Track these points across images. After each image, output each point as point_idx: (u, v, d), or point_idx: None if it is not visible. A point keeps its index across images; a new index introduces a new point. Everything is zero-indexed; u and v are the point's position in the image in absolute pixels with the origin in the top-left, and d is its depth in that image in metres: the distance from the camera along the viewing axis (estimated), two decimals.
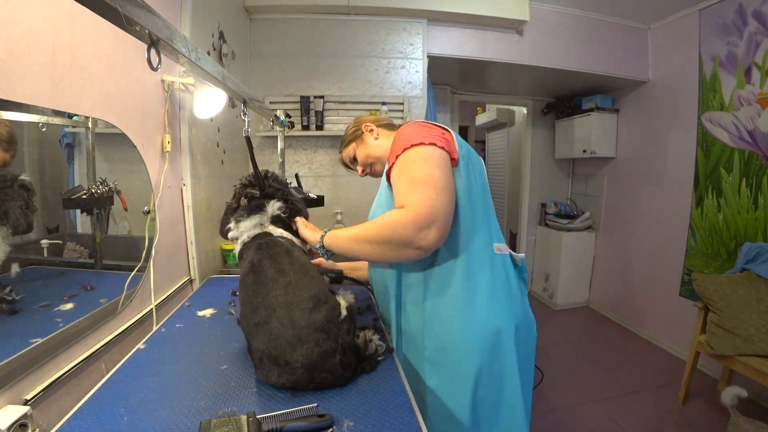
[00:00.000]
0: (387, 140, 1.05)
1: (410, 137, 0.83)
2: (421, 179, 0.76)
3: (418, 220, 0.73)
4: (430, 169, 0.78)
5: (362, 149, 1.08)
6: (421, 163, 0.79)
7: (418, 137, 0.82)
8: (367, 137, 1.08)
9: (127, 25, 0.54)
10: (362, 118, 1.12)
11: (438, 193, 0.75)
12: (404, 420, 0.63)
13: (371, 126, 1.08)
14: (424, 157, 0.80)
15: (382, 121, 1.11)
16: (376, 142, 1.07)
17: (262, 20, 2.37)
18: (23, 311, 0.75)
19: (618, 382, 2.32)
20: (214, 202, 1.66)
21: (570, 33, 2.65)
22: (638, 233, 3.01)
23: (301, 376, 0.68)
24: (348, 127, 1.13)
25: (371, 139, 1.08)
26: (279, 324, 0.68)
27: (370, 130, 1.08)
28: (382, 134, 1.08)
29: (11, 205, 0.71)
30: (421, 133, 0.83)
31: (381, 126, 1.09)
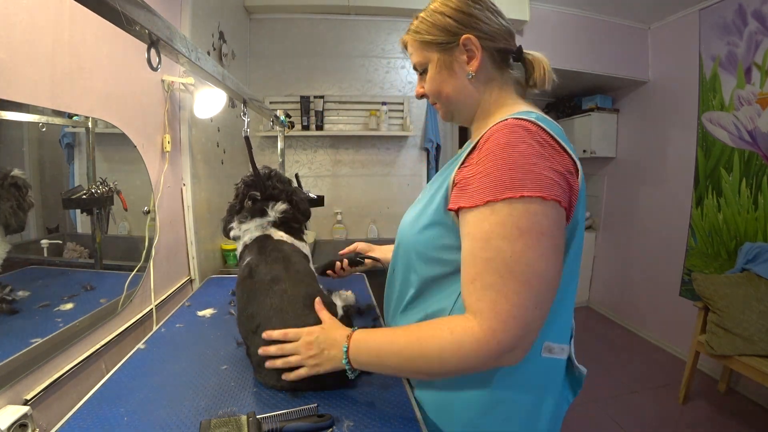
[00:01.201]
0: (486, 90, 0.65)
1: (521, 172, 0.49)
2: (518, 272, 0.49)
3: (494, 353, 0.49)
4: (541, 255, 0.49)
5: (441, 79, 0.65)
6: (529, 239, 0.49)
7: (531, 179, 0.49)
8: (459, 65, 0.63)
9: (127, 25, 0.54)
10: (472, 14, 0.62)
11: (541, 302, 0.50)
12: (404, 420, 0.63)
13: (475, 45, 0.61)
14: (541, 227, 0.49)
15: (498, 40, 0.63)
16: (467, 84, 0.64)
17: (262, 20, 2.37)
18: (23, 311, 0.75)
19: (618, 382, 2.32)
20: (214, 202, 1.67)
21: (570, 33, 2.65)
22: (638, 233, 3.01)
23: (302, 379, 0.68)
24: (437, 4, 0.64)
25: (463, 74, 0.64)
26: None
27: (469, 52, 0.62)
28: (486, 74, 0.64)
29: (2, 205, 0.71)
30: (536, 167, 0.50)
31: (493, 51, 0.64)
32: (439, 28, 0.63)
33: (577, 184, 0.53)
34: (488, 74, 0.65)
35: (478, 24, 0.62)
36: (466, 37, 0.61)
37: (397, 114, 2.49)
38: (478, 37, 0.62)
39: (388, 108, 2.40)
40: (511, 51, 0.66)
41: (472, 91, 0.65)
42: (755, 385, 2.06)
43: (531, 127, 0.52)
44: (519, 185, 0.49)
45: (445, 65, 0.64)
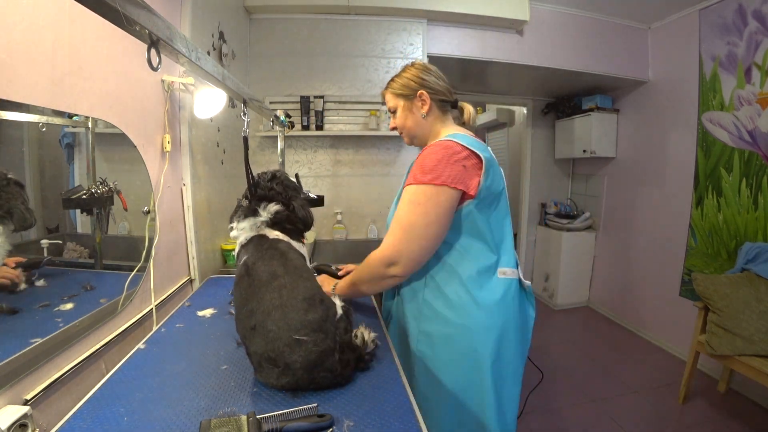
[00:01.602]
0: (434, 122, 1.02)
1: (427, 169, 0.87)
2: (403, 224, 0.88)
3: (384, 258, 0.90)
4: (416, 215, 0.87)
5: (405, 115, 1.03)
6: (413, 206, 0.87)
7: (433, 173, 0.86)
8: (416, 107, 1.01)
9: (127, 25, 0.54)
10: (425, 79, 1.00)
11: (409, 239, 0.87)
12: (404, 420, 0.63)
13: (426, 97, 0.99)
14: (422, 200, 0.86)
15: (441, 94, 1.01)
16: (421, 120, 1.02)
17: (262, 20, 2.37)
18: (23, 311, 0.75)
19: (618, 382, 2.32)
20: (214, 202, 1.67)
21: (570, 33, 2.65)
22: (638, 233, 3.01)
23: (301, 377, 0.68)
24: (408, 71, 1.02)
25: (419, 113, 1.01)
26: (276, 327, 0.68)
27: (423, 102, 1.00)
28: (433, 114, 1.01)
29: (14, 203, 0.72)
30: (441, 166, 0.86)
31: (438, 101, 1.01)
32: (405, 87, 1.01)
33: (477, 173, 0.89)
34: (435, 114, 1.02)
35: (429, 84, 1.00)
36: (420, 92, 0.99)
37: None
38: (428, 92, 0.99)
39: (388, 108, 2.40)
40: (449, 101, 1.03)
41: (425, 125, 1.03)
42: (755, 385, 2.06)
43: (446, 142, 0.90)
44: (422, 175, 0.87)
45: (408, 109, 1.02)
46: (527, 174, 3.77)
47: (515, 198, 4.03)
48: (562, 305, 3.50)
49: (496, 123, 4.33)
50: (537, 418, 1.93)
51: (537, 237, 3.80)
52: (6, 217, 0.70)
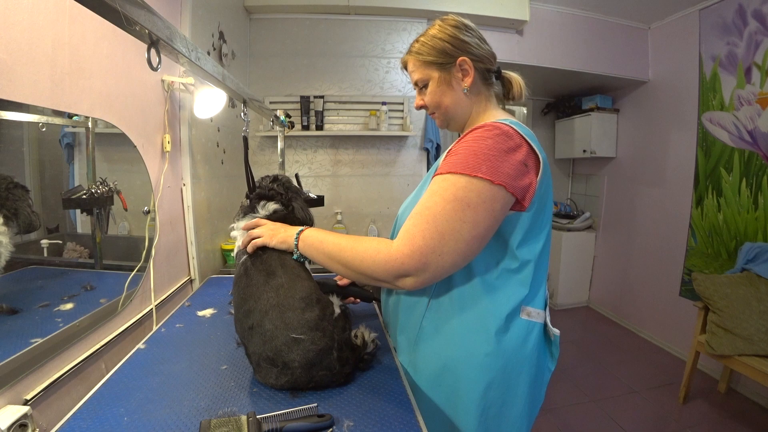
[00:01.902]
0: (477, 100, 0.79)
1: (482, 158, 0.63)
2: (441, 226, 0.63)
3: (396, 270, 0.64)
4: (463, 222, 0.62)
5: (442, 90, 0.78)
6: (460, 208, 0.62)
7: (490, 166, 0.63)
8: (456, 79, 0.77)
9: (127, 25, 0.55)
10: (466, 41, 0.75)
11: (444, 252, 0.63)
12: (404, 420, 0.63)
13: (469, 66, 0.75)
14: (474, 201, 0.62)
15: (485, 62, 0.78)
16: (463, 96, 0.77)
17: (262, 20, 2.37)
18: (23, 311, 0.75)
19: (618, 382, 2.32)
20: (214, 202, 1.67)
21: (570, 33, 2.65)
22: (638, 233, 3.01)
23: (300, 376, 0.68)
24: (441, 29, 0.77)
25: (459, 87, 0.77)
26: (273, 326, 0.68)
27: (466, 72, 0.76)
28: (477, 88, 0.78)
29: (20, 205, 0.72)
30: (499, 157, 0.64)
31: (482, 71, 0.78)
32: (438, 51, 0.76)
33: (534, 179, 0.67)
34: (478, 89, 0.79)
35: (470, 48, 0.76)
36: (462, 59, 0.75)
37: (397, 114, 2.49)
38: (471, 59, 0.75)
39: (388, 108, 2.40)
40: (493, 71, 0.80)
41: (467, 103, 0.79)
42: (755, 385, 2.06)
43: (503, 127, 0.67)
44: (475, 167, 0.63)
45: (445, 81, 0.77)
46: None
47: None
48: (562, 305, 3.50)
49: None
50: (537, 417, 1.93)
51: None
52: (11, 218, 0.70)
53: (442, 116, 0.82)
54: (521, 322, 0.72)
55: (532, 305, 0.73)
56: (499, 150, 0.64)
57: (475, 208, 0.63)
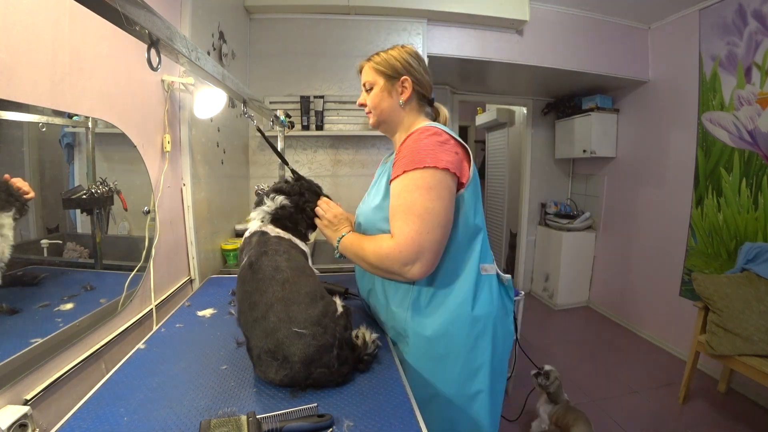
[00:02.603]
0: (408, 113, 0.96)
1: (424, 154, 0.80)
2: (417, 211, 0.78)
3: (402, 256, 0.79)
4: (431, 200, 0.78)
5: (382, 96, 0.94)
6: (424, 192, 0.79)
7: (432, 157, 0.79)
8: (396, 92, 0.94)
9: (127, 25, 0.55)
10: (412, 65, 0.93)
11: (429, 229, 0.78)
12: (404, 420, 0.63)
13: (409, 85, 0.93)
14: (430, 184, 0.79)
15: (423, 88, 0.95)
16: (398, 106, 0.95)
17: (262, 20, 2.36)
18: (23, 311, 0.75)
19: (618, 382, 2.32)
20: (214, 202, 1.67)
21: (570, 33, 2.65)
22: (638, 233, 3.01)
23: (299, 371, 0.68)
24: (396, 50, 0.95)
25: (397, 98, 0.94)
26: (276, 319, 0.69)
27: (405, 89, 0.93)
28: (411, 105, 0.96)
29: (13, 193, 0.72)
30: (436, 152, 0.80)
31: (418, 93, 0.95)
32: (390, 66, 0.93)
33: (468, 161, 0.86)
34: (412, 105, 0.96)
35: (414, 73, 0.94)
36: (405, 78, 0.93)
37: None
38: (412, 80, 0.93)
39: None
40: (427, 98, 0.99)
41: (399, 113, 0.96)
42: (755, 385, 2.06)
43: (431, 128, 0.85)
44: (422, 160, 0.80)
45: (387, 90, 0.94)
46: (527, 174, 3.77)
47: (515, 198, 4.03)
48: (562, 305, 3.50)
49: (496, 123, 4.32)
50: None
51: (537, 237, 3.80)
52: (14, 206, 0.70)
53: (375, 117, 0.97)
54: (483, 278, 0.89)
55: (484, 262, 0.90)
56: (434, 144, 0.82)
57: (436, 187, 0.79)
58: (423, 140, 0.82)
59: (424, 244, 0.78)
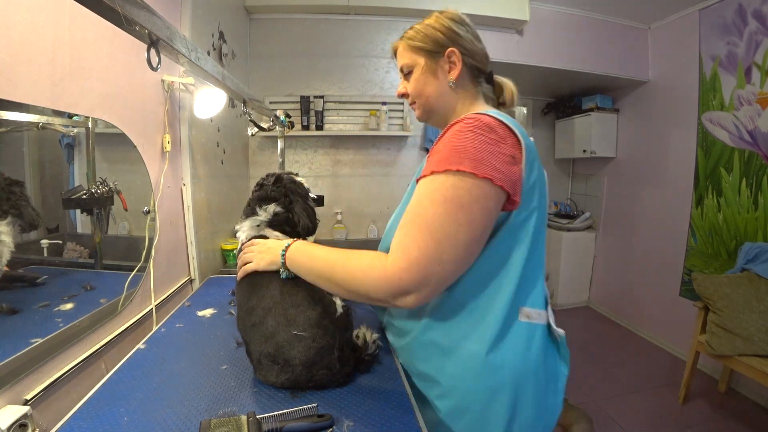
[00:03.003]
0: (462, 96, 0.75)
1: (463, 153, 0.58)
2: (435, 232, 0.57)
3: (394, 288, 0.57)
4: (457, 223, 0.57)
5: (425, 79, 0.75)
6: (451, 208, 0.57)
7: (472, 160, 0.57)
8: (442, 70, 0.74)
9: (127, 25, 0.55)
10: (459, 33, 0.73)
11: (444, 260, 0.57)
12: (404, 420, 0.63)
13: (458, 58, 0.72)
14: (462, 199, 0.57)
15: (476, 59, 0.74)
16: (447, 88, 0.74)
17: (262, 20, 2.37)
18: (23, 311, 0.75)
19: (618, 382, 2.31)
20: (214, 202, 1.67)
21: (570, 33, 2.65)
22: (638, 233, 3.00)
23: (300, 374, 0.68)
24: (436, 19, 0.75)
25: (444, 79, 0.74)
26: (275, 323, 0.69)
27: (452, 62, 0.73)
28: (463, 83, 0.75)
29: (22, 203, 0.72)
30: (482, 153, 0.58)
31: (471, 68, 0.74)
32: (429, 39, 0.73)
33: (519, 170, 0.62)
34: (465, 85, 0.75)
35: (462, 42, 0.73)
36: (451, 50, 0.72)
37: (397, 114, 2.49)
38: (461, 52, 0.72)
39: (388, 108, 2.40)
40: (484, 72, 0.77)
41: (450, 97, 0.75)
42: (755, 385, 2.06)
43: (483, 118, 0.62)
44: (457, 161, 0.58)
45: (430, 70, 0.74)
46: None
47: None
48: (562, 305, 3.50)
49: None
50: None
51: None
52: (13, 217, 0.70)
53: (422, 106, 0.78)
54: (521, 326, 0.65)
55: (530, 305, 0.66)
56: (481, 142, 0.59)
57: (469, 207, 0.57)
58: (466, 133, 0.60)
59: (431, 276, 0.57)
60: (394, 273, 0.57)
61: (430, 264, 0.57)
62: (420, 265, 0.57)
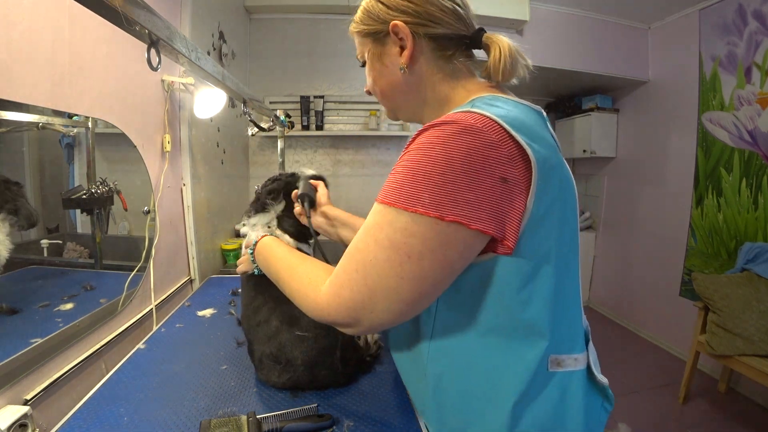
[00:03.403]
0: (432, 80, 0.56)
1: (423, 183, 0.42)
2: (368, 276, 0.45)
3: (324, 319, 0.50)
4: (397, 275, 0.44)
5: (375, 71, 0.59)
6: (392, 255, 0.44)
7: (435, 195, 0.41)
8: (389, 58, 0.55)
9: (127, 25, 0.55)
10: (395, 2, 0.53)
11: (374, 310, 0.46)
12: (404, 420, 0.63)
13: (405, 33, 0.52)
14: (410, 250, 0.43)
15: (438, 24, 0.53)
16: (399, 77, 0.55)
17: (262, 20, 2.37)
18: (23, 311, 0.75)
19: (618, 382, 2.31)
20: (214, 202, 1.67)
21: (570, 33, 2.65)
22: (638, 233, 3.00)
23: (302, 374, 0.68)
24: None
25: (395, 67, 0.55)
26: (278, 322, 0.69)
27: (401, 40, 0.53)
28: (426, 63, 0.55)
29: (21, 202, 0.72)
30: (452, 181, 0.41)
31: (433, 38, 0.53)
32: (371, 16, 0.55)
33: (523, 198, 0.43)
34: (429, 66, 0.54)
35: (409, 8, 0.52)
36: (393, 24, 0.52)
37: None
38: (407, 23, 0.51)
39: None
40: (460, 36, 0.54)
41: (408, 87, 0.56)
42: (755, 385, 2.06)
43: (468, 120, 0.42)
44: (413, 197, 0.42)
45: (377, 57, 0.57)
46: None
47: None
48: None
49: None
50: None
51: None
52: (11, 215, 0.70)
53: (383, 104, 0.62)
54: (551, 377, 0.49)
55: (562, 351, 0.49)
56: (453, 163, 0.41)
57: (419, 260, 0.43)
58: (434, 148, 0.42)
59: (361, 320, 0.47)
60: (323, 307, 0.49)
61: (360, 310, 0.46)
62: (349, 309, 0.47)
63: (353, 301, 0.46)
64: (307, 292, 0.52)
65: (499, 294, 0.47)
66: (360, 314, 0.46)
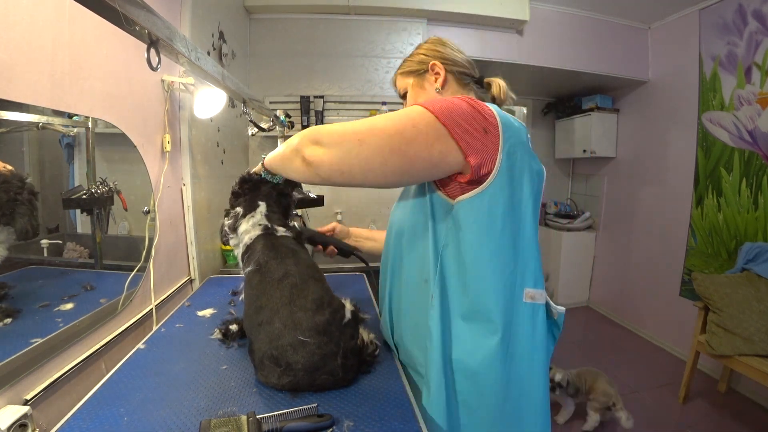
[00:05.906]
0: None
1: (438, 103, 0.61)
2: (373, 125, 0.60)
3: (313, 134, 0.64)
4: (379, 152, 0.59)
5: (416, 93, 0.84)
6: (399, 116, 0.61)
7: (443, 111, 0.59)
8: (429, 82, 0.82)
9: (127, 25, 0.55)
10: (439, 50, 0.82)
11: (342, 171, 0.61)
12: (404, 420, 0.63)
13: (440, 68, 0.80)
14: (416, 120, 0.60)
15: (459, 66, 0.81)
16: (436, 96, 0.81)
17: (262, 20, 2.36)
18: (23, 311, 0.75)
19: (618, 382, 2.30)
20: (214, 202, 1.66)
21: (570, 33, 2.65)
22: (638, 233, 3.01)
23: (302, 378, 0.68)
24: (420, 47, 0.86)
25: (431, 88, 0.81)
26: (281, 324, 0.68)
27: (436, 74, 0.81)
28: (451, 89, 0.82)
29: (21, 211, 0.72)
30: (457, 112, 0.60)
31: (456, 73, 0.81)
32: (415, 62, 0.84)
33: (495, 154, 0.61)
34: (454, 90, 0.82)
35: (443, 54, 0.82)
36: (433, 63, 0.81)
37: None
38: (442, 63, 0.81)
39: (388, 108, 2.40)
40: (472, 76, 0.84)
41: None
42: (755, 385, 2.06)
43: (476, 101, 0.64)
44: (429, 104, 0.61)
45: (419, 85, 0.84)
46: None
47: None
48: (562, 305, 3.47)
49: None
50: None
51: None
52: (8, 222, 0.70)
53: None
54: (525, 307, 0.66)
55: (534, 286, 0.67)
56: (461, 107, 0.61)
57: (415, 126, 0.59)
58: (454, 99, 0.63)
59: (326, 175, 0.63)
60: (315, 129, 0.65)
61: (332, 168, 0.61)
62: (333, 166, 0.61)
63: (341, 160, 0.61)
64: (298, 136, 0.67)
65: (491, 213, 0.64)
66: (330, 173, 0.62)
